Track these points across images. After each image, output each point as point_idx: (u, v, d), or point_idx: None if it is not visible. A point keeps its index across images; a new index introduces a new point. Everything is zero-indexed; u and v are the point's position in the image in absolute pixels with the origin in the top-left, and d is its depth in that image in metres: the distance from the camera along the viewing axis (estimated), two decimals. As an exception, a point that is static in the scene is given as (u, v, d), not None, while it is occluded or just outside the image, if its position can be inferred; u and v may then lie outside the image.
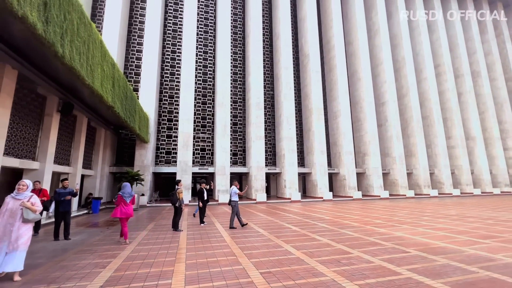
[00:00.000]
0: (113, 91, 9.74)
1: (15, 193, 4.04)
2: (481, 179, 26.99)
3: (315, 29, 23.62)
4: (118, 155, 19.15)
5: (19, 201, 3.93)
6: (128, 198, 6.26)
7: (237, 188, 8.41)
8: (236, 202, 8.27)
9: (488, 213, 11.08)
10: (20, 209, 3.89)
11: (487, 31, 32.24)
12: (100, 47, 8.43)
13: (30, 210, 3.93)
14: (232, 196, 8.28)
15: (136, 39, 21.15)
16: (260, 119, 20.35)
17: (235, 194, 8.30)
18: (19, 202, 3.92)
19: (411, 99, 25.55)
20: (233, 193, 8.30)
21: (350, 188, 21.60)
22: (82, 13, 6.88)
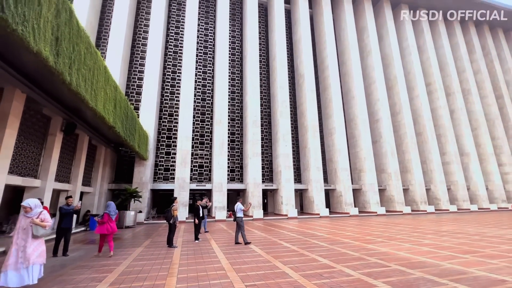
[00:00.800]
0: (115, 112, 10.30)
1: (23, 213, 4.39)
2: (478, 195, 27.13)
3: (310, 50, 24.78)
4: (117, 172, 19.48)
5: (29, 218, 4.26)
6: (114, 215, 6.97)
7: (242, 204, 8.74)
8: (242, 218, 8.54)
9: (478, 229, 11.30)
10: (30, 226, 4.22)
11: (475, 51, 33.63)
12: (104, 72, 9.08)
13: (39, 226, 4.27)
14: (237, 213, 8.55)
15: (138, 60, 22.15)
16: (256, 137, 20.89)
17: (240, 211, 8.58)
18: (29, 219, 4.25)
19: (405, 116, 26.26)
20: (238, 210, 8.58)
21: (346, 204, 21.74)
22: (89, 43, 7.55)
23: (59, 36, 5.81)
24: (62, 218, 7.22)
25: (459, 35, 33.27)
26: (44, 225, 4.31)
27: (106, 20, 22.26)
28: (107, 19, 22.27)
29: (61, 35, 5.91)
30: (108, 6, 22.65)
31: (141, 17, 23.36)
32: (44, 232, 4.33)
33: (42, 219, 4.36)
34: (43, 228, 4.30)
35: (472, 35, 34.41)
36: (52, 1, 5.47)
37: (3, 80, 7.40)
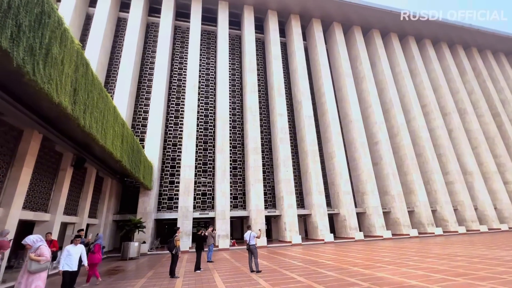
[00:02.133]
0: (122, 147, 11.04)
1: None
2: (486, 215, 26.54)
3: (306, 79, 26.14)
4: (122, 203, 19.88)
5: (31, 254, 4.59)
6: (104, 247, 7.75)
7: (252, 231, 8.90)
8: (255, 246, 8.68)
9: (480, 252, 11.21)
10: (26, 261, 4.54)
11: (466, 73, 34.89)
12: (113, 112, 9.97)
13: (34, 261, 4.47)
14: (251, 240, 8.69)
15: (144, 94, 23.57)
16: (258, 163, 21.40)
17: (253, 238, 8.74)
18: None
19: (403, 138, 26.74)
20: (251, 237, 8.73)
21: (351, 228, 21.50)
22: (101, 89, 8.49)
23: (76, 87, 6.69)
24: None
25: (449, 58, 34.77)
26: (38, 259, 4.48)
27: (115, 59, 24.12)
28: (116, 58, 24.14)
29: (78, 86, 6.79)
30: (118, 47, 24.66)
31: (147, 55, 25.24)
32: (38, 267, 4.47)
33: (38, 254, 4.55)
34: (37, 263, 4.46)
35: (461, 57, 35.93)
36: (72, 59, 6.42)
37: (23, 123, 8.29)
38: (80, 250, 6.14)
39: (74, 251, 6.02)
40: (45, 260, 4.60)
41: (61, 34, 5.85)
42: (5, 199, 8.04)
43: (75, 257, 5.98)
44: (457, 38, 35.94)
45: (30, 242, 4.71)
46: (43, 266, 4.60)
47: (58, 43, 5.71)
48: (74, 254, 5.97)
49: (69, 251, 5.99)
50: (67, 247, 6.13)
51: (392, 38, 32.65)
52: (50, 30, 5.39)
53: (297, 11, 29.32)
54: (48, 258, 4.67)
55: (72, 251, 6.01)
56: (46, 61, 5.25)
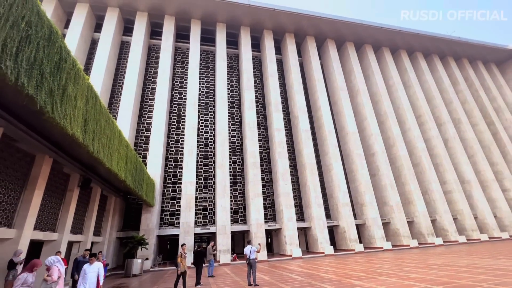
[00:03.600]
0: (126, 168, 11.71)
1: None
2: (486, 224, 26.63)
3: (302, 93, 27.10)
4: (125, 220, 20.32)
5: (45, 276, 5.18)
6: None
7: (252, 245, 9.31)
8: (255, 260, 9.07)
9: (472, 261, 11.54)
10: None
11: (458, 83, 35.86)
12: (119, 136, 10.71)
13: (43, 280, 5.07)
14: (251, 254, 9.08)
15: (146, 113, 24.49)
16: (257, 177, 21.94)
17: (253, 252, 9.12)
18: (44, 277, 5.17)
19: (399, 149, 27.30)
20: (252, 252, 9.12)
21: (351, 240, 21.70)
22: (108, 117, 9.26)
23: (87, 118, 7.44)
24: (77, 269, 8.06)
25: (441, 70, 35.85)
26: (46, 279, 5.04)
27: (118, 80, 25.26)
28: (119, 79, 25.28)
29: (88, 116, 7.55)
30: (121, 69, 25.87)
31: (149, 75, 26.39)
32: (44, 287, 5.01)
33: (48, 274, 5.13)
34: (45, 282, 5.02)
35: (453, 68, 37.02)
36: (83, 94, 7.20)
37: (36, 149, 8.99)
38: (96, 268, 6.24)
39: (89, 270, 6.15)
40: (51, 281, 5.09)
41: (75, 74, 6.67)
42: (18, 220, 8.63)
43: (91, 276, 6.09)
44: (448, 50, 37.18)
45: (48, 263, 5.27)
46: (48, 286, 5.12)
47: (73, 82, 6.51)
48: (89, 273, 6.10)
49: (85, 270, 6.17)
50: (84, 266, 6.32)
51: (385, 52, 33.88)
52: (66, 72, 6.20)
53: (291, 30, 30.72)
54: (53, 279, 5.16)
55: (88, 270, 6.15)
56: (63, 99, 6.02)
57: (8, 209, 8.34)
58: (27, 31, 4.81)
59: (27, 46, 4.80)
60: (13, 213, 8.61)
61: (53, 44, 5.64)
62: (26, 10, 4.79)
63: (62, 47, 6.03)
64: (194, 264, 9.88)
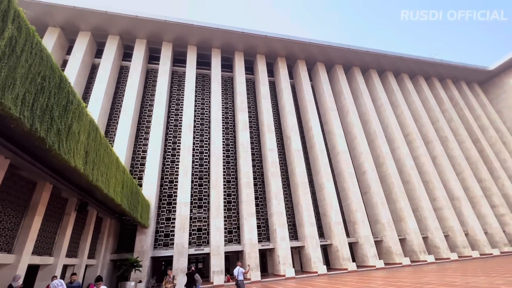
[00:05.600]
0: (122, 192, 12.27)
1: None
2: (477, 240, 27.03)
3: (294, 114, 28.24)
4: (120, 241, 20.43)
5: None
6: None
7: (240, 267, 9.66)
8: (243, 281, 9.37)
9: (454, 279, 12.01)
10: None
11: (444, 102, 37.53)
12: (116, 162, 11.38)
13: None
14: (239, 276, 9.39)
15: (143, 134, 25.25)
16: (250, 197, 22.43)
17: (241, 274, 9.43)
18: None
19: (389, 167, 28.15)
20: (240, 273, 9.42)
21: (344, 259, 21.91)
22: (107, 146, 9.99)
23: (88, 149, 8.17)
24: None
25: (427, 90, 37.63)
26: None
27: (117, 103, 26.22)
28: (117, 102, 26.25)
29: (89, 148, 8.28)
30: (119, 92, 26.92)
31: (147, 98, 27.42)
32: None
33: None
34: None
35: (438, 89, 38.87)
36: (86, 129, 7.97)
37: (38, 177, 9.59)
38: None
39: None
40: None
41: (79, 112, 7.47)
42: (18, 246, 9.07)
43: None
44: (432, 71, 39.21)
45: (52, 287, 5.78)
46: None
47: (77, 120, 7.30)
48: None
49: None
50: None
51: (372, 74, 35.65)
52: (72, 112, 7.00)
53: (283, 54, 32.45)
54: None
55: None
56: (68, 136, 6.77)
57: (9, 235, 8.82)
58: (41, 83, 5.65)
59: (41, 96, 5.62)
60: (13, 238, 9.07)
61: (62, 90, 6.48)
62: (42, 67, 5.66)
63: (70, 91, 6.87)
64: (186, 286, 10.20)
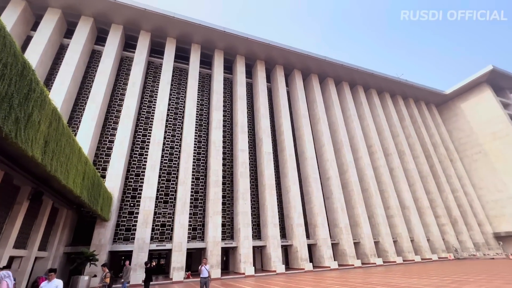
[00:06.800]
0: (82, 184, 11.93)
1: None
2: (421, 246, 30.07)
3: (267, 118, 29.03)
4: (76, 234, 19.53)
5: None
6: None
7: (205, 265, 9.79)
8: (206, 279, 9.51)
9: (390, 280, 13.50)
10: None
11: (405, 119, 40.97)
12: (78, 153, 11.06)
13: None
14: (202, 273, 9.55)
15: (111, 124, 24.28)
16: (218, 196, 22.72)
17: (204, 271, 9.58)
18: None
19: (351, 175, 30.14)
20: (203, 270, 9.57)
21: (302, 259, 23.12)
22: (69, 136, 9.72)
23: (48, 139, 7.96)
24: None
25: (391, 106, 40.79)
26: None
27: (85, 89, 24.91)
28: (86, 88, 24.94)
29: (50, 138, 8.07)
30: (89, 77, 25.59)
31: (119, 87, 26.37)
32: None
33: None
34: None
35: (401, 106, 42.31)
36: (47, 117, 7.78)
37: (-12, 163, 9.03)
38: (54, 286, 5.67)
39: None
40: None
41: (42, 101, 7.29)
42: (-41, 235, 8.51)
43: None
44: (398, 89, 42.54)
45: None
46: None
47: (38, 108, 7.13)
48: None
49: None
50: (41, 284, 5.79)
51: (344, 86, 37.76)
52: (34, 100, 6.84)
53: (262, 58, 33.11)
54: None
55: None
56: (27, 125, 6.62)
57: (-51, 222, 8.26)
58: (2, 70, 5.53)
59: (1, 83, 5.50)
60: (-46, 226, 8.50)
61: (24, 78, 6.34)
62: (4, 54, 5.54)
63: (33, 79, 6.72)
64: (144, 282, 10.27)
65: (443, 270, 17.80)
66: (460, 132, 44.17)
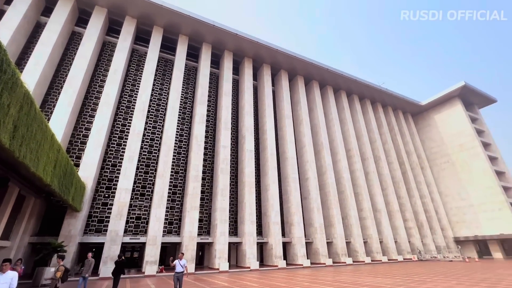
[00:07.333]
0: (53, 172, 11.43)
1: None
2: (388, 247, 31.78)
3: (252, 116, 29.16)
4: (44, 224, 18.66)
5: None
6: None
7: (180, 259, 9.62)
8: (179, 274, 9.39)
9: (357, 279, 14.26)
10: None
11: (383, 126, 42.82)
12: (51, 140, 10.58)
13: None
14: (177, 267, 9.45)
15: (89, 111, 23.30)
16: (196, 191, 22.60)
17: (178, 266, 9.48)
18: None
19: (329, 177, 31.10)
20: (177, 265, 9.47)
21: (276, 257, 23.64)
22: (41, 121, 9.28)
23: (18, 124, 7.58)
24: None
25: (371, 113, 42.43)
26: None
27: (62, 71, 23.67)
28: (63, 71, 23.71)
29: (20, 123, 7.68)
30: (67, 60, 24.33)
31: (99, 73, 25.30)
32: None
33: None
34: None
35: (380, 113, 44.12)
36: (18, 101, 7.40)
37: None
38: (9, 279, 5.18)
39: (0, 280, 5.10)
40: None
41: (13, 83, 6.93)
42: None
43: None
44: (378, 97, 44.28)
45: None
46: None
47: (8, 91, 6.77)
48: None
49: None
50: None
51: (328, 90, 38.72)
52: (4, 82, 6.49)
53: (250, 55, 33.11)
54: None
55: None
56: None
57: None
58: (-29, 49, 5.22)
59: (-32, 63, 5.19)
60: None
61: (-5, 59, 6.00)
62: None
63: (4, 60, 6.38)
64: (113, 274, 10.08)
65: (405, 270, 19.00)
66: (432, 142, 46.91)
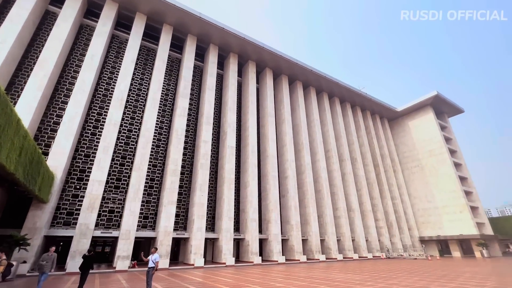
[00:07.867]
0: (18, 160, 10.68)
1: None
2: (360, 245, 33.28)
3: (234, 112, 29.04)
4: (6, 215, 17.39)
5: None
6: None
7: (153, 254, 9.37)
8: (150, 269, 9.12)
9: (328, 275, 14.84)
10: None
11: (361, 129, 44.51)
12: (16, 125, 9.87)
13: None
14: (150, 263, 9.19)
15: (61, 97, 21.96)
16: (174, 185, 22.18)
17: (150, 261, 9.23)
18: None
19: (307, 176, 31.83)
20: (150, 260, 9.22)
21: (252, 253, 23.89)
22: (6, 105, 8.63)
23: (-21, 107, 7.00)
24: None
25: (350, 116, 43.88)
26: None
27: (32, 52, 22.06)
28: (34, 52, 22.11)
29: (-18, 106, 7.10)
30: (39, 40, 22.70)
31: (74, 57, 23.87)
32: None
33: None
34: None
35: (359, 116, 45.77)
36: (-19, 82, 6.82)
37: None
38: None
39: None
40: None
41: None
42: None
43: None
44: (358, 101, 45.85)
45: None
46: None
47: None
48: None
49: None
50: None
51: (311, 91, 39.46)
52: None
53: (236, 51, 32.83)
54: None
55: None
56: (-47, 89, 5.75)
57: None
58: None
59: None
60: None
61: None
62: None
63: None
64: (80, 269, 9.65)
65: (374, 268, 20.03)
66: (404, 147, 49.52)
